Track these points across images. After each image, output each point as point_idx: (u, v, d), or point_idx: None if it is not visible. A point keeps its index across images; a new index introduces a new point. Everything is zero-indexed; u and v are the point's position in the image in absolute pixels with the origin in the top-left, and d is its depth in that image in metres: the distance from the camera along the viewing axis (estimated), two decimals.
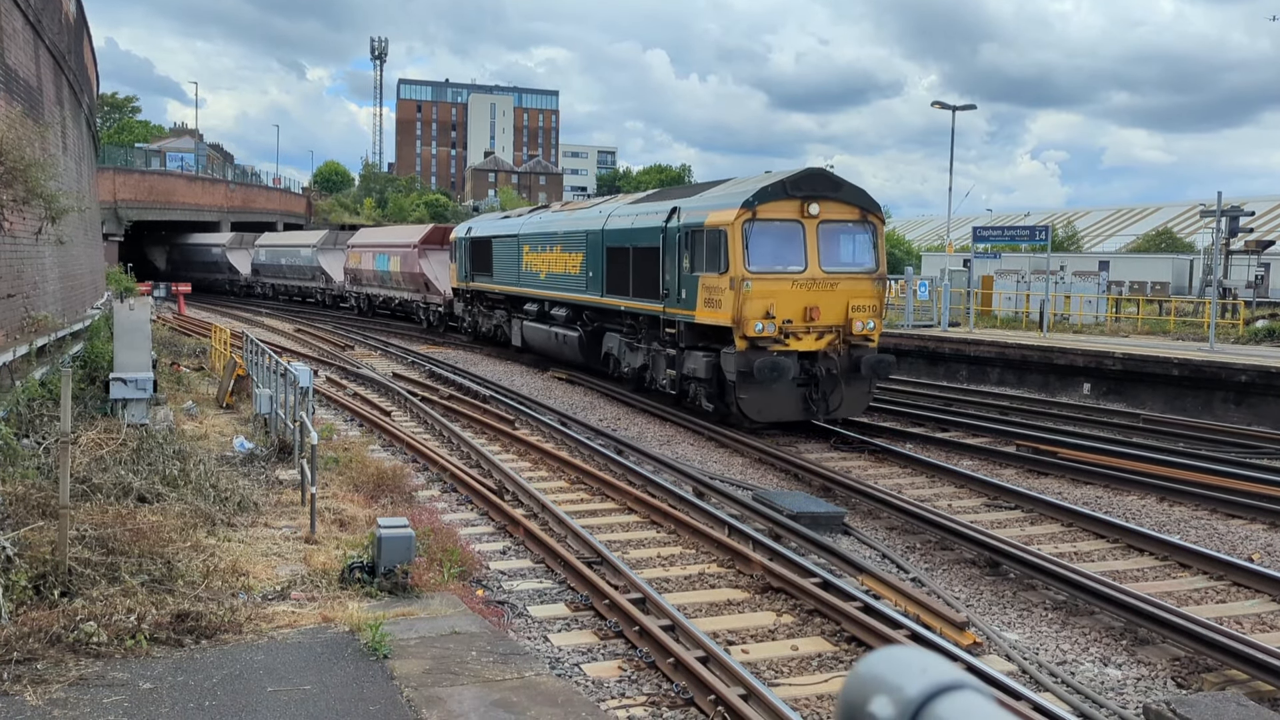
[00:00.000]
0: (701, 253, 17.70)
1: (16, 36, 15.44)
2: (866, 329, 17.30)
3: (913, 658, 0.97)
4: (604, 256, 22.15)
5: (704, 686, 7.31)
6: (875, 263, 17.78)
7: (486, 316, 32.56)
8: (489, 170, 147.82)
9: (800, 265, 17.08)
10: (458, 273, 34.19)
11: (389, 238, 45.38)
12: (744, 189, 17.69)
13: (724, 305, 16.88)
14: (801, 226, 17.14)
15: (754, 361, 16.33)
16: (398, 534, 8.63)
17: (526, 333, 28.10)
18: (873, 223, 17.86)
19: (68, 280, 20.98)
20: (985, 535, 11.31)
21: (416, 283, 39.87)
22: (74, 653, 6.78)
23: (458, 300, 35.47)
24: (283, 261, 56.54)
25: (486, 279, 31.19)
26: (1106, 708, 7.58)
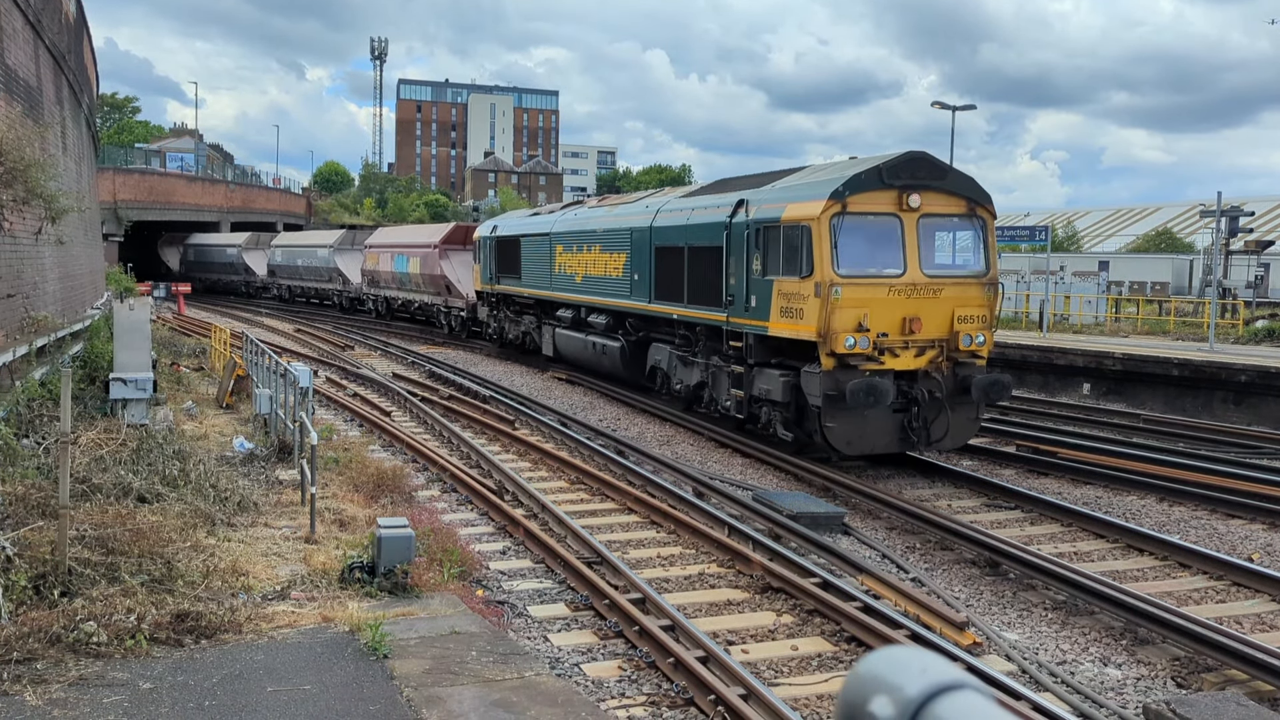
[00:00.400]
0: (777, 253, 15.20)
1: (16, 36, 15.44)
2: (975, 344, 14.74)
3: (912, 658, 0.97)
4: (652, 257, 19.73)
5: (704, 686, 7.31)
6: (985, 265, 15.18)
7: (514, 322, 30.03)
8: (489, 170, 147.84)
9: (898, 268, 14.53)
10: (481, 274, 31.80)
11: (408, 238, 43.01)
12: (829, 177, 15.19)
13: (806, 315, 14.39)
14: (899, 222, 14.59)
15: (845, 383, 13.78)
16: (398, 534, 8.64)
17: (559, 341, 25.76)
18: (982, 217, 15.23)
19: (67, 280, 20.98)
20: (985, 535, 11.31)
21: (437, 285, 37.85)
22: (74, 653, 6.78)
23: (481, 304, 33.09)
24: (299, 262, 54.04)
25: (514, 281, 28.79)
26: (1106, 708, 7.58)
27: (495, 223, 32.05)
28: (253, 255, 61.39)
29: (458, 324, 36.97)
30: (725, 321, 16.74)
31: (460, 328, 36.69)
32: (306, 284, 54.94)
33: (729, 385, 17.01)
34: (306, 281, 54.70)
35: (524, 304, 29.24)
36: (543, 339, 27.50)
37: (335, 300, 51.46)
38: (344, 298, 50.14)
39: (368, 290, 46.26)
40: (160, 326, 32.28)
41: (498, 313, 31.37)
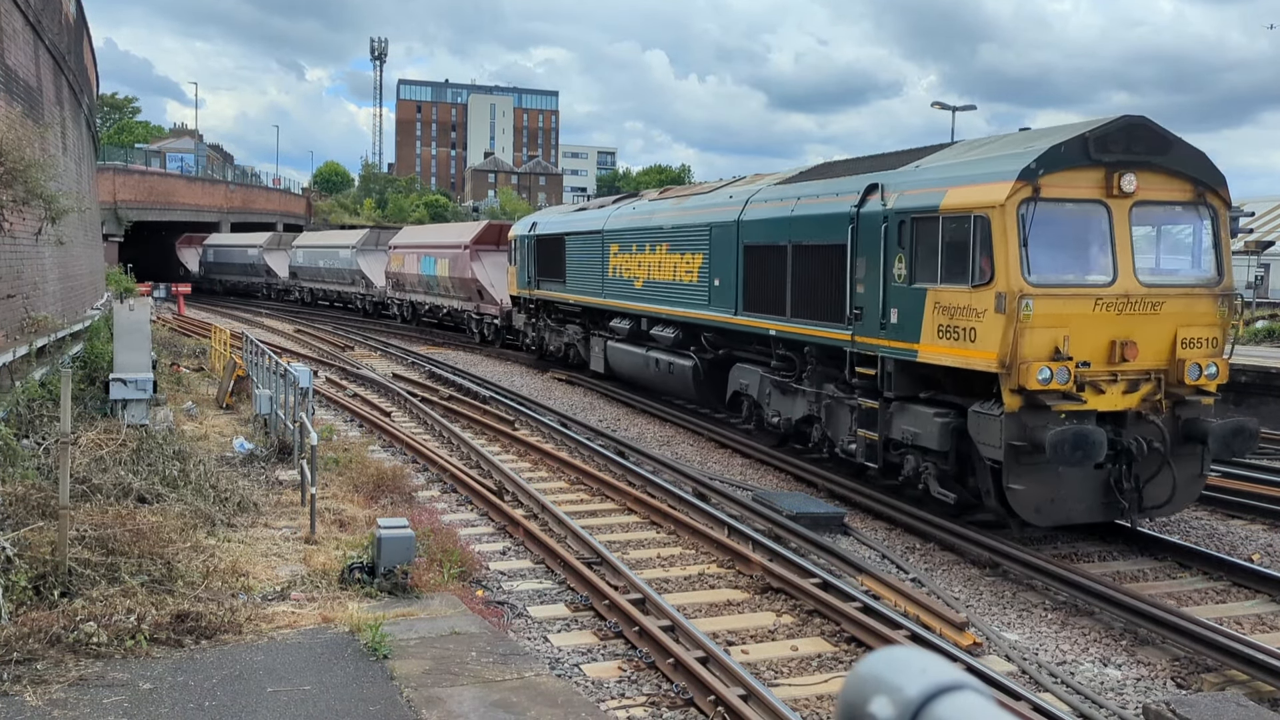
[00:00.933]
0: (933, 253, 11.65)
1: (16, 37, 15.45)
2: (1205, 375, 11.18)
3: (912, 658, 0.98)
4: (740, 258, 16.24)
5: (704, 687, 7.31)
6: (1219, 270, 11.65)
7: (555, 332, 26.47)
8: (489, 171, 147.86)
9: (1106, 274, 11.02)
10: (518, 278, 28.26)
11: (436, 237, 39.96)
12: (1013, 151, 11.46)
13: (981, 337, 10.83)
14: (1107, 211, 11.03)
15: (1039, 431, 10.36)
16: (398, 534, 8.64)
17: (612, 356, 22.28)
18: (1212, 205, 11.56)
19: (67, 281, 20.98)
20: (984, 535, 11.31)
21: (468, 289, 34.84)
22: (74, 653, 6.78)
23: (517, 310, 29.49)
24: (320, 264, 50.79)
25: (557, 286, 25.11)
26: (1106, 708, 7.58)
27: (534, 219, 28.56)
28: (274, 256, 57.97)
29: (490, 332, 33.97)
30: (850, 341, 13.14)
31: (494, 336, 33.77)
32: (329, 287, 51.64)
33: (853, 423, 13.42)
34: (328, 284, 51.45)
35: (568, 312, 25.54)
36: (590, 353, 23.88)
37: (358, 304, 48.17)
38: (367, 302, 46.94)
39: (392, 294, 43.33)
40: (160, 327, 32.29)
41: (536, 321, 27.88)
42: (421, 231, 45.60)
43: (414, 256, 39.47)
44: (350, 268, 47.12)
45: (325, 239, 54.18)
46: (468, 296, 35.38)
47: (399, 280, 42.15)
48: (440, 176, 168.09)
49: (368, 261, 45.96)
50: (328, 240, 53.38)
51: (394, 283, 42.88)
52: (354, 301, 49.22)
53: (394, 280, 42.78)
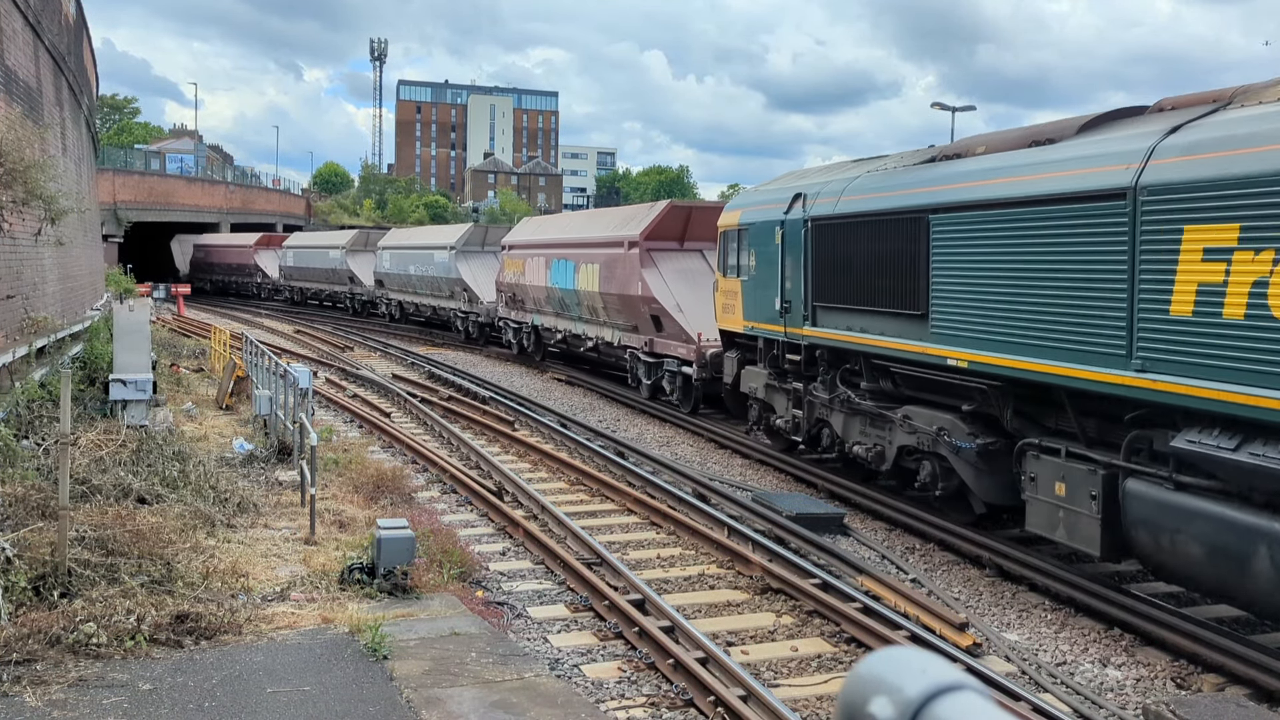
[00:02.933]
0: None
1: (16, 38, 15.45)
2: None
3: (912, 659, 0.98)
4: None
5: (703, 687, 7.31)
6: None
7: (860, 420, 13.21)
8: (489, 171, 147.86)
9: None
10: (749, 302, 15.71)
11: (578, 231, 26.34)
12: None
13: None
14: None
15: None
16: (397, 535, 8.64)
17: (1159, 522, 8.42)
18: None
19: (67, 281, 20.97)
20: (984, 536, 11.31)
21: (635, 314, 21.72)
22: (73, 654, 6.78)
23: (732, 356, 16.99)
24: (411, 270, 39.05)
25: (865, 321, 12.60)
26: (1106, 708, 7.58)
27: (797, 188, 14.51)
28: (359, 260, 46.82)
29: (679, 390, 20.31)
30: None
31: (685, 399, 20.16)
32: (421, 299, 39.44)
33: None
34: (420, 296, 39.25)
35: (911, 383, 12.13)
36: (1032, 499, 9.91)
37: (460, 326, 35.58)
38: (471, 322, 34.64)
39: (506, 314, 30.75)
40: (160, 328, 32.28)
41: (805, 389, 14.43)
42: (552, 225, 31.11)
43: (540, 261, 27.14)
44: (448, 276, 35.23)
45: (417, 237, 41.39)
46: (633, 324, 22.09)
47: (516, 294, 29.28)
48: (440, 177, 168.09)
49: (470, 268, 34.31)
50: (420, 240, 40.16)
51: (509, 298, 30.08)
52: (454, 321, 36.20)
53: (509, 294, 30.14)
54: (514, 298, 29.71)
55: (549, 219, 34.75)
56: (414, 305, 40.80)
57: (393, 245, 42.42)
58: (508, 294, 30.29)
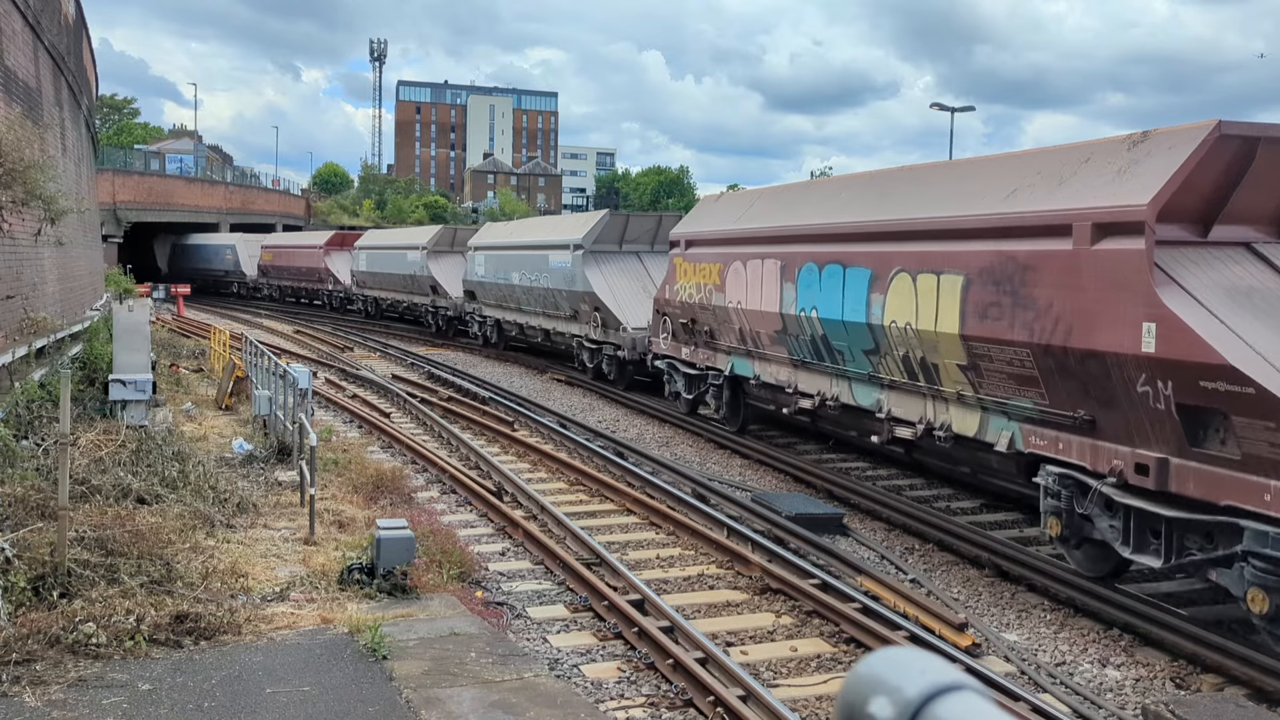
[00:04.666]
0: None
1: (16, 38, 15.45)
2: None
3: (912, 659, 0.98)
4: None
5: (703, 688, 7.31)
6: None
7: None
8: (488, 172, 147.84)
9: None
10: None
11: (832, 209, 14.04)
12: None
13: None
14: None
15: None
16: (397, 535, 8.64)
17: None
18: None
19: (67, 281, 20.97)
20: (983, 536, 11.31)
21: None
22: (73, 654, 6.78)
23: None
24: (515, 278, 28.30)
25: None
26: (1105, 709, 7.59)
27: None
28: (443, 265, 36.47)
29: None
30: None
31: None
32: (529, 318, 28.50)
33: None
34: (530, 313, 28.44)
35: None
36: None
37: (597, 364, 24.38)
38: (615, 364, 23.47)
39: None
40: (159, 328, 32.28)
41: None
42: (797, 199, 16.82)
43: (770, 268, 14.87)
44: (568, 287, 24.53)
45: (522, 232, 30.04)
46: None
47: (722, 328, 17.19)
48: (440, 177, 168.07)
49: (598, 274, 23.55)
50: (528, 233, 29.16)
51: (709, 327, 17.50)
52: (575, 354, 26.02)
53: (720, 325, 17.85)
54: (736, 333, 23.55)
55: (777, 193, 29.32)
56: (517, 325, 29.61)
57: (491, 244, 31.16)
58: (710, 323, 23.40)
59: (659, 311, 19.41)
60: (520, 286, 28.00)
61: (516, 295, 28.62)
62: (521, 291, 28.03)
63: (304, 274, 52.22)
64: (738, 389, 17.23)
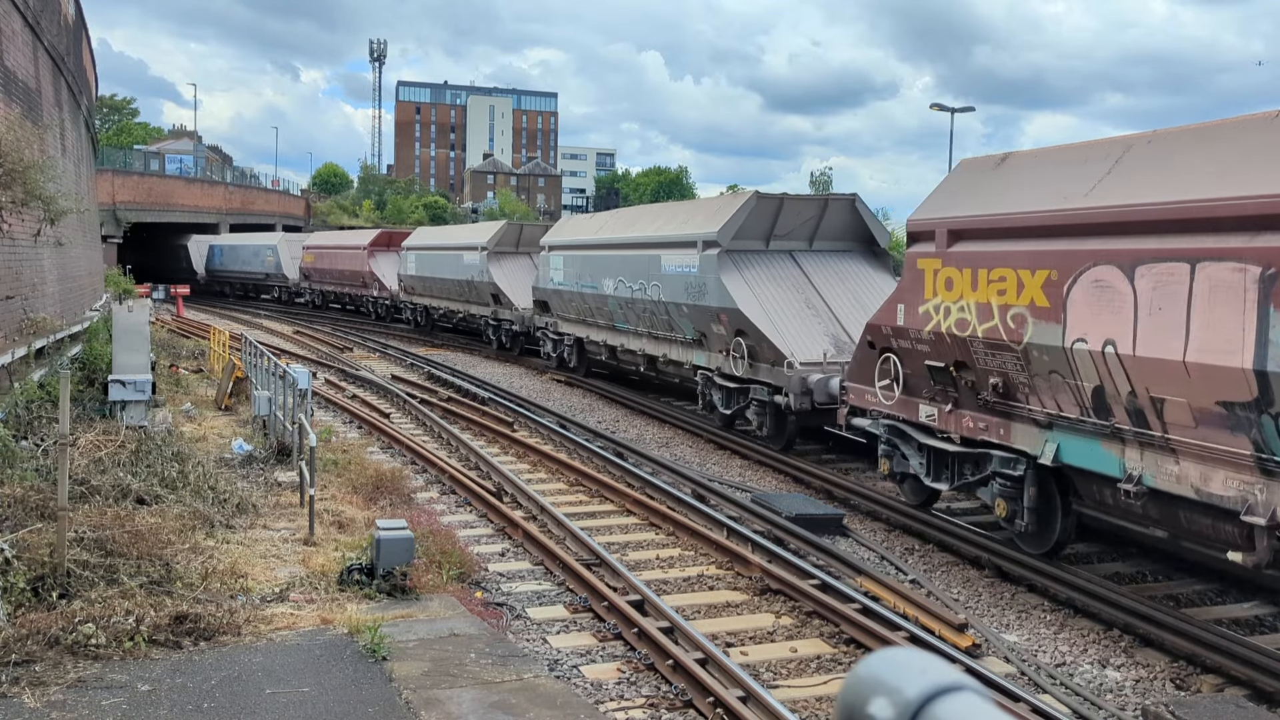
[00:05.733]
0: None
1: (15, 38, 15.45)
2: None
3: (912, 659, 0.98)
4: None
5: (703, 688, 7.31)
6: None
7: None
8: (488, 172, 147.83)
9: None
10: None
11: None
12: None
13: None
14: None
15: None
16: (397, 536, 8.64)
17: None
18: None
19: (66, 282, 20.97)
20: (983, 537, 11.31)
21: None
22: (72, 655, 6.77)
23: None
24: (607, 288, 22.15)
25: None
26: (1105, 709, 7.58)
27: None
28: (505, 268, 31.49)
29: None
30: None
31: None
32: (625, 341, 22.30)
33: None
34: (623, 335, 22.54)
35: None
36: None
37: (731, 408, 18.00)
38: (761, 410, 16.84)
39: None
40: (159, 328, 32.28)
41: None
42: None
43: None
44: (706, 303, 17.80)
45: (617, 225, 23.52)
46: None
47: None
48: (439, 178, 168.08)
49: (736, 283, 17.24)
50: (630, 228, 22.36)
51: (994, 388, 10.48)
52: (700, 392, 19.03)
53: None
54: None
55: None
56: (607, 347, 23.25)
57: (572, 242, 24.68)
58: None
59: (877, 346, 12.41)
60: (615, 298, 21.37)
61: (608, 309, 22.20)
62: (617, 304, 21.54)
63: (347, 278, 46.59)
64: (1057, 489, 10.32)
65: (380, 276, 43.27)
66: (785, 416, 16.03)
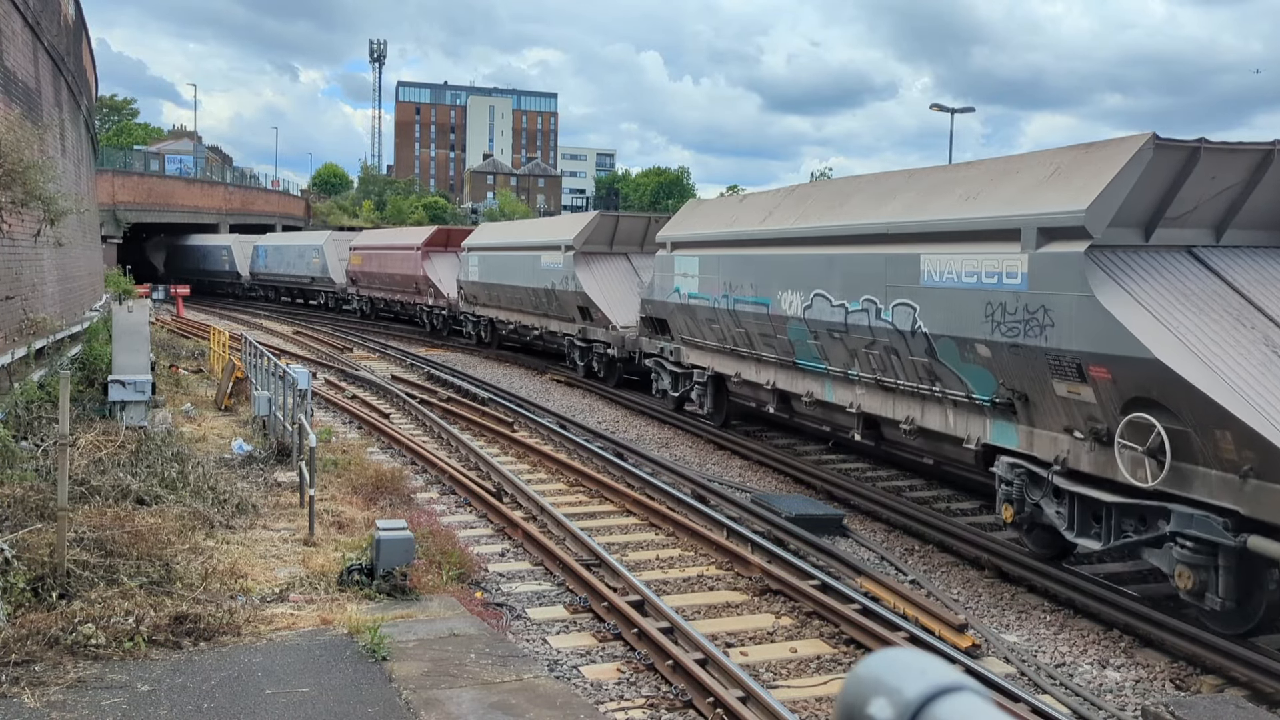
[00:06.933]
0: None
1: (15, 39, 15.45)
2: None
3: (911, 660, 0.98)
4: None
5: (703, 689, 7.31)
6: None
7: None
8: (488, 173, 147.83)
9: None
10: None
11: None
12: None
13: None
14: None
15: None
16: (396, 536, 8.64)
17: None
18: None
19: (66, 282, 20.97)
20: (983, 537, 11.31)
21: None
22: (72, 655, 6.77)
23: None
24: (744, 305, 15.69)
25: None
26: (1105, 710, 7.58)
27: None
28: (598, 272, 24.90)
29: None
30: None
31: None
32: (811, 388, 14.65)
33: None
34: (806, 379, 14.86)
35: None
36: None
37: None
38: None
39: None
40: (159, 329, 32.28)
41: None
42: None
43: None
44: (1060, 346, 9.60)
45: (749, 215, 16.43)
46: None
47: None
48: (439, 178, 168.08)
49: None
50: (824, 214, 14.13)
51: None
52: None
53: None
54: None
55: None
56: (776, 392, 15.72)
57: (711, 236, 17.38)
58: None
59: None
60: (805, 321, 13.96)
61: (785, 337, 14.72)
62: (805, 331, 14.04)
63: (398, 283, 40.58)
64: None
65: (436, 282, 37.08)
66: None
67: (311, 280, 51.09)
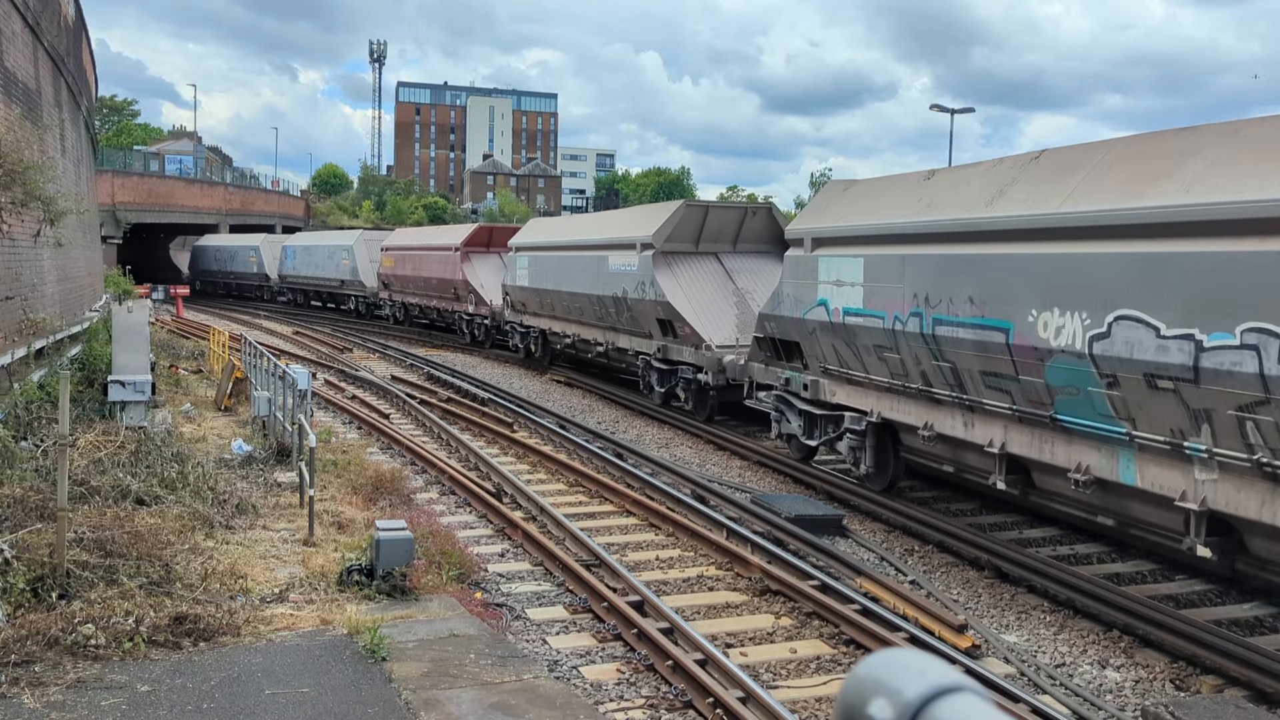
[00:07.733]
0: None
1: (15, 39, 15.45)
2: None
3: (911, 660, 0.98)
4: None
5: (702, 689, 7.31)
6: None
7: None
8: (488, 173, 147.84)
9: None
10: None
11: None
12: None
13: None
14: None
15: None
16: (396, 536, 8.64)
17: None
18: None
19: (66, 282, 20.97)
20: (983, 537, 11.31)
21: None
22: (72, 655, 6.77)
23: None
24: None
25: None
26: (1105, 710, 7.58)
27: None
28: (681, 274, 20.16)
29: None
30: None
31: None
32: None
33: None
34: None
35: None
36: None
37: None
38: None
39: None
40: (159, 329, 32.28)
41: None
42: None
43: None
44: None
45: (900, 204, 12.42)
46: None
47: None
48: (439, 179, 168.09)
49: None
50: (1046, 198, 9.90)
51: None
52: None
53: None
54: None
55: None
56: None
57: (860, 230, 13.05)
58: None
59: None
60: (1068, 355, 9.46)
61: (1042, 384, 9.90)
62: (1069, 370, 9.44)
63: (434, 288, 36.86)
64: None
65: (477, 287, 33.27)
66: None
67: (341, 284, 47.50)
